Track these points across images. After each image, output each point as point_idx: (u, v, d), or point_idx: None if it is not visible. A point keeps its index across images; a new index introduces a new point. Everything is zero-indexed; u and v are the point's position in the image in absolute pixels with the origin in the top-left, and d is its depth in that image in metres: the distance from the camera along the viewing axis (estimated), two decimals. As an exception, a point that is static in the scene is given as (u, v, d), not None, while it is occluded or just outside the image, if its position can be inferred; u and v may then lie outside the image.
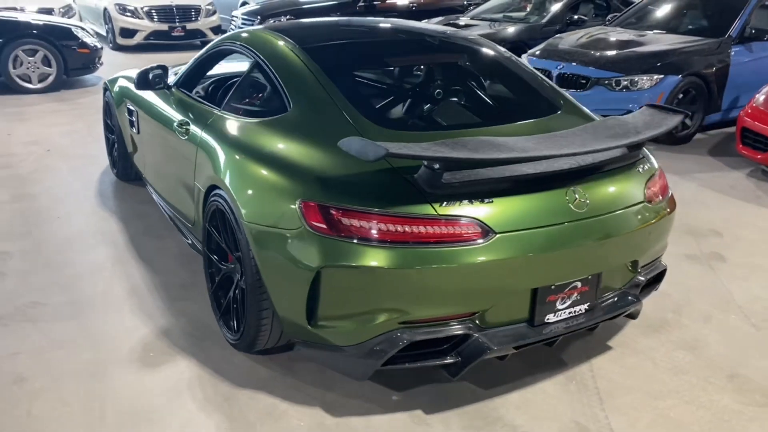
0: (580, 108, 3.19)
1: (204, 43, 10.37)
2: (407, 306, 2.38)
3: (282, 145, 2.77)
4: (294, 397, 2.69)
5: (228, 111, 3.24)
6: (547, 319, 2.58)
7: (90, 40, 8.64)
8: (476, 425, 2.56)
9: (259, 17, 10.07)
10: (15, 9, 10.01)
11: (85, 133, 6.58)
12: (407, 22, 4.07)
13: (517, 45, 8.17)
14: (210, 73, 3.99)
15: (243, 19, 10.41)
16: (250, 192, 2.70)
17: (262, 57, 3.18)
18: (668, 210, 2.88)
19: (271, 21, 9.72)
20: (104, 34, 12.00)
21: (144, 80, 3.73)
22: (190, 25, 11.90)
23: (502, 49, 3.60)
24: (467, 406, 2.66)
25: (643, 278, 2.88)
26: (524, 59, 7.25)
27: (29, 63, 8.19)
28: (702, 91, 6.44)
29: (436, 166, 2.30)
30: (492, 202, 2.39)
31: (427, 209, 2.33)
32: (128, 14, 11.72)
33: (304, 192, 2.46)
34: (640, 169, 2.80)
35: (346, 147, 2.36)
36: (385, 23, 3.95)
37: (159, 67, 3.78)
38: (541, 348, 2.94)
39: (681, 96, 6.34)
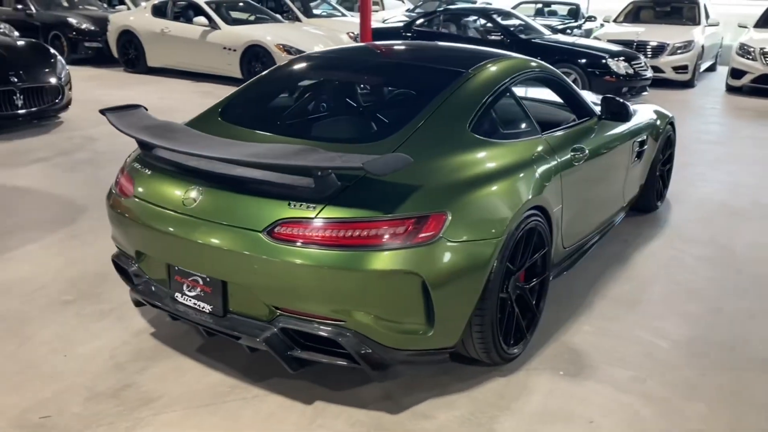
0: (420, 140, 2.68)
1: None
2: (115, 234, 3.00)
3: None
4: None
5: None
6: (176, 296, 2.67)
7: (618, 70, 9.07)
8: (138, 356, 2.88)
9: None
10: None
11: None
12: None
13: None
14: None
15: None
16: None
17: None
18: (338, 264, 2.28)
19: None
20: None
21: None
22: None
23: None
24: (171, 352, 2.93)
25: (282, 325, 2.42)
26: None
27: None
28: None
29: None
30: (150, 174, 2.76)
31: (130, 166, 2.90)
32: (748, 57, 10.99)
33: None
34: (292, 204, 2.36)
35: None
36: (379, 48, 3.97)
37: None
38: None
39: None
